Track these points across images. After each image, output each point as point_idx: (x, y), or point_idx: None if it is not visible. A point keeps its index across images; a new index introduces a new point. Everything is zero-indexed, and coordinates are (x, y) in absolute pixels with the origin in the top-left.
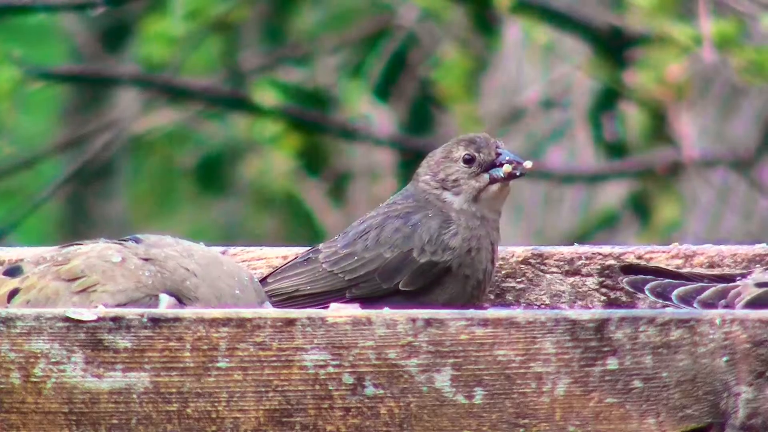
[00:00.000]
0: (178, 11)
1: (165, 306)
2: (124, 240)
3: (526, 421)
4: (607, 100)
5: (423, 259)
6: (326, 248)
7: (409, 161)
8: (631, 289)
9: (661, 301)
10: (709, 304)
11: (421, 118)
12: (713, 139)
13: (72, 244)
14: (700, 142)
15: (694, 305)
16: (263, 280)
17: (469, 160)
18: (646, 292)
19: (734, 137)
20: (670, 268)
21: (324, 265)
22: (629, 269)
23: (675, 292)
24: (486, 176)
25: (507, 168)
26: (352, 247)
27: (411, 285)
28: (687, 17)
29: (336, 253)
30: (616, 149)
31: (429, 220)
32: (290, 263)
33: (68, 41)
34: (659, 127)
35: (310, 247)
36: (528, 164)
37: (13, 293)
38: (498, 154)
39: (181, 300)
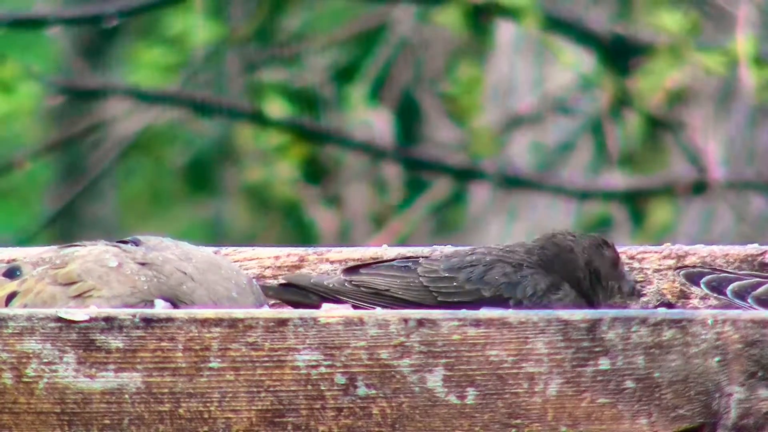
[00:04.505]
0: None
1: None
2: (124, 242)
3: (518, 421)
4: (611, 108)
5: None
6: (427, 264)
7: (409, 167)
8: (686, 282)
9: (715, 295)
10: (763, 301)
11: (412, 122)
12: (737, 155)
13: (71, 245)
14: (723, 159)
15: (749, 300)
16: (356, 268)
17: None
18: (702, 286)
19: (762, 152)
20: (729, 269)
21: (422, 279)
22: (687, 266)
23: (730, 287)
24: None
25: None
26: (455, 274)
27: None
28: (710, 35)
29: (436, 273)
30: (618, 159)
31: (540, 278)
32: (386, 263)
33: (56, 49)
34: (661, 138)
35: (408, 257)
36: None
37: (12, 296)
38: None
39: (176, 305)
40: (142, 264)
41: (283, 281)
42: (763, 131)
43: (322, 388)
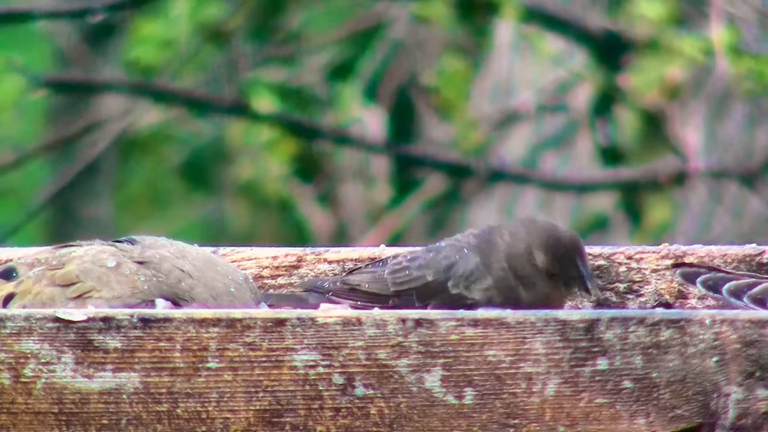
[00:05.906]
0: (177, 10)
1: None
2: (120, 241)
3: (516, 421)
4: (603, 104)
5: (454, 291)
6: (398, 258)
7: (401, 165)
8: (683, 281)
9: (711, 294)
10: (758, 300)
11: (407, 120)
12: (707, 142)
13: (67, 245)
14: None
15: (744, 300)
16: (352, 271)
17: (551, 276)
18: (698, 285)
19: (727, 141)
20: (727, 269)
21: (385, 270)
22: (683, 265)
23: (726, 287)
24: (562, 288)
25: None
26: (410, 263)
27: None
28: (691, 24)
29: (399, 264)
30: (610, 154)
31: (470, 259)
32: (370, 263)
33: (52, 43)
34: (654, 133)
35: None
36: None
37: (9, 298)
38: (577, 276)
39: (177, 303)
40: (140, 263)
41: (303, 289)
42: (731, 115)
43: (320, 388)
